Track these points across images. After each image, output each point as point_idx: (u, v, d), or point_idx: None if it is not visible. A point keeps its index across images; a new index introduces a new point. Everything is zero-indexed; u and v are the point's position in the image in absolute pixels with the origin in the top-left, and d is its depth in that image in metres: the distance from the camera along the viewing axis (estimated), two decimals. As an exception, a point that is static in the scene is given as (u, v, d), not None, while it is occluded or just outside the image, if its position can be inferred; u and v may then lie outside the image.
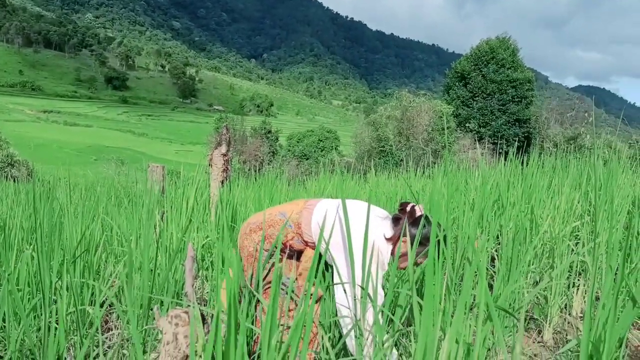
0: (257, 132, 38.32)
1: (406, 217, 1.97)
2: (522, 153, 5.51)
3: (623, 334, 1.35)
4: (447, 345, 1.18)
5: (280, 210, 2.11)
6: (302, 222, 2.03)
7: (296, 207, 2.10)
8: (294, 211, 2.07)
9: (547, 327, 2.42)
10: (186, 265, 1.44)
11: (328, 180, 6.08)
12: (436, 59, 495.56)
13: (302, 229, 2.03)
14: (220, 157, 4.19)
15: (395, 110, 30.94)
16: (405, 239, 1.94)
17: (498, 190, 3.61)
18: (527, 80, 34.87)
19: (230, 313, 1.14)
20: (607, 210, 2.92)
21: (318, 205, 2.07)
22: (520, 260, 2.60)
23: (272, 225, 2.06)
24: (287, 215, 2.06)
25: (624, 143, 22.47)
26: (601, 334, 1.41)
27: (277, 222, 2.06)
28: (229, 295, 1.19)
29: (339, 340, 1.80)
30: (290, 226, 2.04)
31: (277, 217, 2.07)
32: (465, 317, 1.26)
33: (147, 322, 1.86)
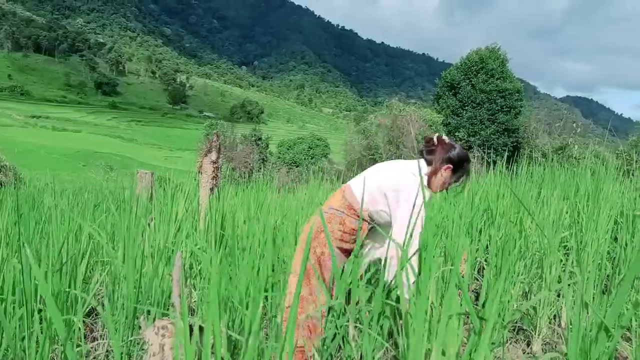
0: (248, 139, 38.25)
1: (439, 146, 2.23)
2: (511, 163, 5.54)
3: (612, 346, 1.35)
4: (434, 355, 1.17)
5: (325, 207, 2.25)
6: (350, 202, 2.21)
7: (337, 196, 2.27)
8: (337, 200, 2.24)
9: (536, 338, 2.42)
10: (174, 275, 1.42)
11: (318, 187, 6.07)
12: (426, 68, 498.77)
13: (354, 207, 2.20)
14: (210, 165, 4.16)
15: (385, 118, 31.07)
16: (447, 167, 2.22)
17: (487, 200, 3.63)
18: (516, 90, 35.20)
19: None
20: (595, 220, 2.94)
21: (352, 182, 2.27)
22: (509, 270, 2.60)
23: (329, 222, 2.19)
24: (335, 207, 2.22)
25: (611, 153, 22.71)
26: (589, 345, 1.41)
27: (329, 218, 2.20)
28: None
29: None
30: (341, 213, 2.20)
31: (327, 214, 2.21)
32: (452, 329, 1.25)
33: (134, 332, 1.83)
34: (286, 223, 3.23)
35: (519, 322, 2.58)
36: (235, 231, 2.59)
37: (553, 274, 2.43)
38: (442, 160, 2.22)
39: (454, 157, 2.25)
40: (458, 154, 2.26)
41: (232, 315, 1.71)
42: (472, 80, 35.04)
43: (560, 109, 45.95)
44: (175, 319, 1.38)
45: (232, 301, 1.64)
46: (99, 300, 2.73)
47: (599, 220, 2.94)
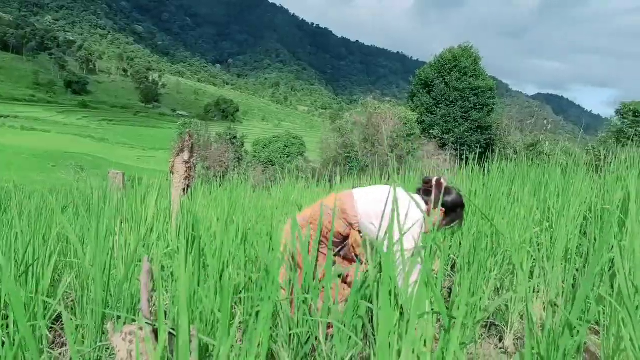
0: (222, 137, 37.94)
1: (435, 189, 2.33)
2: (483, 159, 5.61)
3: (579, 340, 1.37)
4: (404, 354, 1.17)
5: (319, 206, 2.33)
6: (345, 207, 2.30)
7: (331, 199, 2.37)
8: (332, 202, 2.33)
9: (508, 333, 2.45)
10: (141, 279, 1.39)
11: (293, 186, 6.04)
12: (401, 67, 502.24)
13: (347, 213, 2.30)
14: (183, 164, 4.10)
15: (360, 116, 31.18)
16: (441, 209, 2.31)
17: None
18: (489, 88, 35.75)
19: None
20: (564, 216, 2.99)
21: (355, 192, 2.37)
22: (481, 267, 2.63)
23: (320, 217, 2.24)
24: (330, 207, 2.31)
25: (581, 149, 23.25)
26: (556, 340, 1.43)
27: (324, 214, 2.28)
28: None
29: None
30: (330, 213, 2.28)
31: (319, 208, 2.29)
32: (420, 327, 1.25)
33: (102, 337, 1.78)
34: (260, 222, 3.20)
35: (492, 318, 2.61)
36: (207, 232, 2.55)
37: (524, 270, 2.47)
38: (436, 202, 2.33)
39: (448, 202, 2.36)
40: (453, 200, 2.38)
41: (203, 318, 1.68)
42: (445, 79, 35.44)
43: (531, 106, 46.86)
44: (143, 324, 1.35)
45: (202, 304, 1.61)
46: (69, 305, 2.66)
47: (569, 215, 3.00)
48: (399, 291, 1.64)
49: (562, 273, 2.62)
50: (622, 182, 3.55)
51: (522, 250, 2.64)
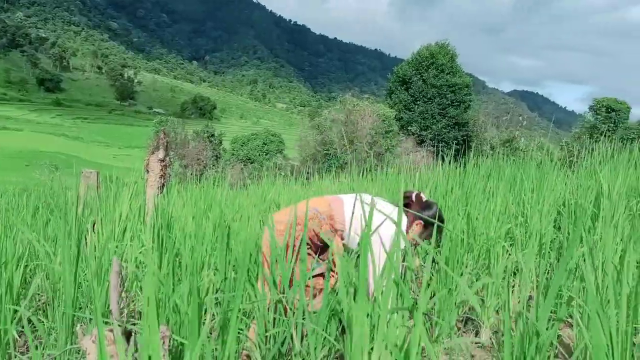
0: (200, 135, 37.58)
1: (415, 203, 2.40)
2: (460, 155, 5.66)
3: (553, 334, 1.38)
4: (377, 349, 1.17)
5: (310, 206, 2.31)
6: (334, 213, 2.33)
7: (324, 202, 2.39)
8: (323, 205, 2.36)
9: (484, 327, 2.48)
10: (111, 281, 1.36)
11: (271, 184, 6.01)
12: (379, 64, 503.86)
13: (334, 219, 2.32)
14: (158, 163, 4.04)
15: (339, 114, 31.20)
16: (418, 222, 2.38)
17: (437, 193, 3.69)
18: (465, 85, 36.15)
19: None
20: (539, 210, 3.03)
21: (345, 199, 2.39)
22: (458, 262, 2.65)
23: (309, 219, 2.27)
24: (319, 210, 2.32)
25: (555, 145, 23.64)
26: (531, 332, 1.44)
27: (312, 216, 2.30)
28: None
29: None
30: (323, 219, 2.31)
31: (311, 212, 2.29)
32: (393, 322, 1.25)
33: (73, 340, 1.74)
34: (237, 221, 3.17)
35: (468, 313, 2.63)
36: (182, 231, 2.52)
37: (499, 265, 2.49)
38: (415, 216, 2.39)
39: (427, 216, 2.40)
40: (432, 214, 2.41)
41: (177, 317, 1.65)
42: (423, 76, 35.70)
43: (507, 103, 47.52)
44: (113, 327, 1.32)
45: (177, 303, 1.58)
46: (40, 307, 2.60)
47: (543, 210, 3.04)
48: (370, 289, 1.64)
49: (537, 267, 2.66)
50: (595, 177, 3.62)
51: (497, 245, 2.67)
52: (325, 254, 2.38)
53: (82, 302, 1.96)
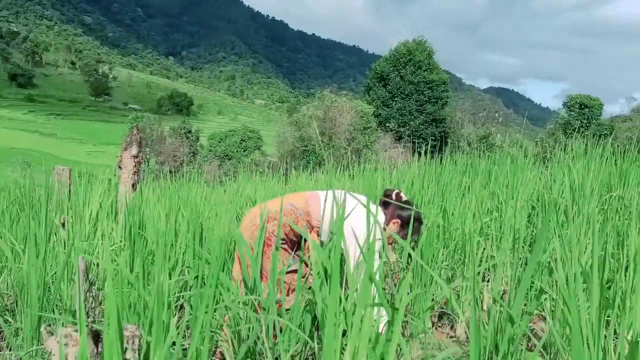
0: (177, 132, 37.18)
1: (395, 202, 2.39)
2: (438, 152, 5.69)
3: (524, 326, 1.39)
4: (350, 344, 1.16)
5: (286, 201, 2.31)
6: (311, 210, 2.32)
7: (301, 198, 2.39)
8: (300, 201, 2.35)
9: (460, 322, 2.49)
10: (76, 280, 1.31)
11: (247, 181, 5.96)
12: (357, 60, 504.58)
13: (311, 215, 2.32)
14: (131, 159, 3.96)
15: (317, 110, 31.17)
16: (396, 221, 2.39)
17: (413, 189, 3.70)
18: (443, 81, 36.49)
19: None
20: (513, 206, 3.06)
21: (322, 195, 2.38)
22: (434, 257, 2.66)
23: (284, 215, 2.26)
24: (296, 206, 2.32)
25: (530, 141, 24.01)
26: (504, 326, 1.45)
27: (287, 211, 2.29)
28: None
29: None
30: (300, 215, 2.31)
31: (286, 207, 2.29)
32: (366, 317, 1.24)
33: (39, 341, 1.69)
34: (212, 218, 3.13)
35: (443, 308, 2.65)
36: (155, 229, 2.47)
37: (474, 259, 2.51)
38: (393, 215, 2.40)
39: (405, 215, 2.41)
40: (410, 214, 2.40)
41: (148, 315, 1.62)
42: (400, 72, 35.91)
43: (483, 100, 48.08)
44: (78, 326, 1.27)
45: (147, 302, 1.55)
46: (8, 307, 2.53)
47: (517, 205, 3.07)
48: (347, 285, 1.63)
49: (511, 262, 2.68)
50: (568, 173, 3.67)
51: (472, 240, 2.69)
52: (300, 251, 2.37)
53: (48, 302, 1.91)
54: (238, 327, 1.67)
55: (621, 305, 1.80)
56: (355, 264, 2.05)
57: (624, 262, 2.04)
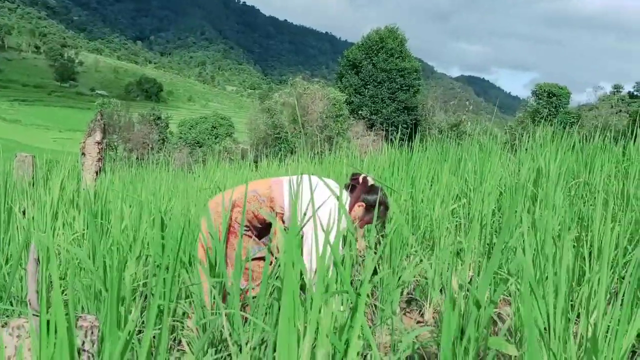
0: (145, 118, 36.47)
1: (361, 186, 2.40)
2: (408, 139, 5.71)
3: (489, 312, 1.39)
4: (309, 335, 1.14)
5: (250, 188, 2.28)
6: (274, 196, 2.30)
7: (264, 184, 2.35)
8: (263, 188, 2.32)
9: (428, 307, 2.50)
10: (28, 268, 1.26)
11: (218, 168, 5.88)
12: (330, 47, 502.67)
13: (274, 202, 2.29)
14: (94, 146, 3.85)
15: (289, 97, 31.00)
16: (361, 204, 2.39)
17: (383, 176, 3.69)
18: (415, 69, 36.68)
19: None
20: (481, 192, 3.08)
21: (285, 181, 2.34)
22: (403, 243, 2.66)
23: (248, 202, 2.24)
24: (259, 192, 2.29)
25: (500, 129, 24.42)
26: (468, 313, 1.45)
27: (250, 198, 2.26)
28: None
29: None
30: (263, 201, 2.28)
31: (250, 194, 2.26)
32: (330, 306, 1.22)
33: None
34: (179, 205, 3.07)
35: (412, 294, 2.66)
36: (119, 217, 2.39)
37: (442, 245, 2.52)
38: (358, 198, 2.39)
39: (370, 199, 2.41)
40: (376, 199, 2.40)
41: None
42: (373, 60, 35.92)
43: (454, 88, 48.60)
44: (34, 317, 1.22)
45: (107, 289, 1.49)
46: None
47: (485, 191, 3.09)
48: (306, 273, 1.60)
49: (479, 247, 2.70)
50: (535, 160, 3.72)
51: (441, 226, 2.70)
52: (266, 238, 2.34)
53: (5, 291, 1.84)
54: (203, 320, 1.63)
55: (585, 289, 1.83)
56: (309, 248, 2.06)
57: (588, 247, 2.08)
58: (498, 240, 1.17)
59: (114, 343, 1.02)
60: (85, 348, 1.36)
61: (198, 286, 1.74)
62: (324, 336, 1.12)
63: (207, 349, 1.53)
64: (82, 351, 1.31)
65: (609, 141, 4.45)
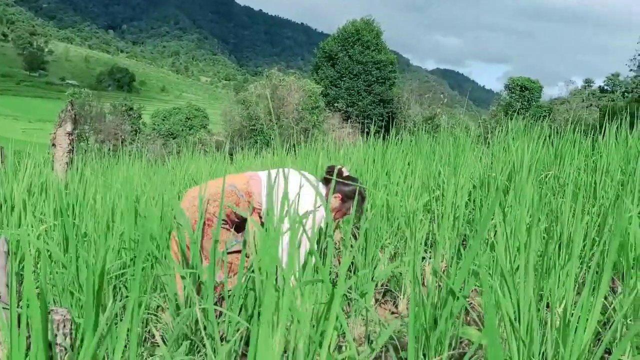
0: (117, 109, 35.78)
1: (335, 177, 2.35)
2: (384, 132, 5.74)
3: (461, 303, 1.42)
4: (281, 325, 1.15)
5: (227, 182, 2.27)
6: (252, 190, 2.30)
7: (242, 178, 2.35)
8: (241, 182, 2.31)
9: (402, 298, 2.54)
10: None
11: (192, 160, 5.82)
12: (306, 38, 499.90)
13: (252, 197, 2.29)
14: (65, 137, 3.77)
15: (265, 88, 30.77)
16: (337, 195, 2.41)
17: (360, 169, 3.71)
18: (390, 62, 36.78)
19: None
20: (455, 184, 3.12)
21: (263, 175, 2.36)
22: (378, 235, 2.68)
23: (227, 196, 2.24)
24: (237, 187, 2.28)
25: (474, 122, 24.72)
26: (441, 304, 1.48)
27: (228, 193, 2.26)
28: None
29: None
30: (241, 196, 2.27)
31: (227, 188, 2.24)
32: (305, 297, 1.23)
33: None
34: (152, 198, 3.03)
35: (387, 285, 2.69)
36: (90, 209, 2.36)
37: (416, 238, 2.55)
38: (334, 189, 2.38)
39: (346, 190, 2.44)
40: (351, 190, 2.43)
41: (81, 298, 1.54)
42: (349, 52, 35.89)
43: (430, 81, 48.91)
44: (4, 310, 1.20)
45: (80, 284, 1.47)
46: None
47: (458, 184, 3.14)
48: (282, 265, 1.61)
49: (452, 239, 2.74)
50: (508, 152, 3.79)
51: (415, 218, 2.73)
52: (243, 232, 2.33)
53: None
54: (178, 312, 1.62)
55: (554, 279, 1.87)
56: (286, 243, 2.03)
57: (557, 238, 2.13)
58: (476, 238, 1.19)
59: (90, 338, 1.01)
60: (58, 341, 1.34)
61: (171, 280, 1.72)
62: (302, 327, 1.13)
63: (182, 341, 1.53)
64: (54, 344, 1.29)
65: (580, 135, 4.56)
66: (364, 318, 2.12)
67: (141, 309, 1.26)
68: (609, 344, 1.83)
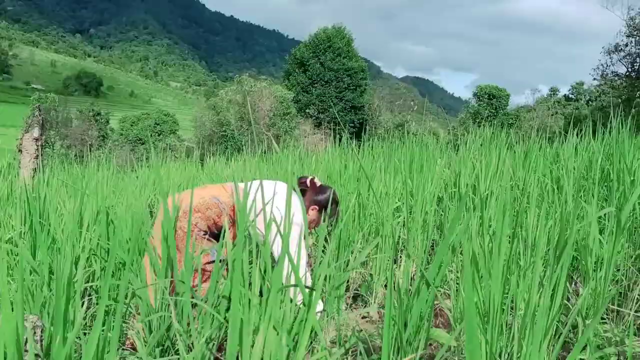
0: (84, 114, 35.06)
1: (310, 188, 2.45)
2: (355, 138, 5.81)
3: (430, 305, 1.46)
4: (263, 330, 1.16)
5: (210, 194, 2.28)
6: (236, 204, 2.23)
7: (225, 190, 2.32)
8: (225, 195, 2.29)
9: (373, 302, 2.57)
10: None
11: (162, 166, 5.77)
12: (277, 45, 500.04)
13: (235, 210, 2.24)
14: (32, 142, 3.70)
15: (236, 94, 30.61)
16: (314, 207, 2.44)
17: (331, 175, 3.75)
18: (361, 69, 37.11)
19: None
20: (424, 189, 3.19)
21: (246, 187, 2.24)
22: (349, 240, 2.72)
23: (209, 208, 2.23)
24: (221, 199, 2.26)
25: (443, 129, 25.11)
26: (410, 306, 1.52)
27: (212, 205, 2.24)
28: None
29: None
30: (224, 208, 2.25)
31: (211, 200, 2.24)
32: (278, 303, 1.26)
33: None
34: (121, 205, 3.00)
35: (358, 290, 2.72)
36: (59, 217, 2.32)
37: (386, 243, 2.59)
38: (311, 201, 2.44)
39: (322, 200, 2.46)
40: (326, 198, 2.45)
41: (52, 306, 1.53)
42: (320, 59, 36.07)
43: (400, 88, 49.53)
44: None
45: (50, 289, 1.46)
46: None
47: (427, 190, 3.20)
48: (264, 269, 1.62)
49: (421, 243, 2.80)
50: (475, 158, 3.88)
51: (386, 223, 2.78)
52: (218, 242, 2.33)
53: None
54: (148, 318, 1.62)
55: (520, 281, 1.94)
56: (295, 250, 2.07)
57: (522, 242, 2.20)
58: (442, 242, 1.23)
59: (60, 346, 1.01)
60: (27, 348, 1.32)
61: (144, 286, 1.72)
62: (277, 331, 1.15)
63: (155, 347, 1.53)
64: (24, 351, 1.27)
65: (545, 142, 4.70)
66: (335, 322, 2.15)
67: (117, 315, 1.26)
68: (568, 342, 1.91)
